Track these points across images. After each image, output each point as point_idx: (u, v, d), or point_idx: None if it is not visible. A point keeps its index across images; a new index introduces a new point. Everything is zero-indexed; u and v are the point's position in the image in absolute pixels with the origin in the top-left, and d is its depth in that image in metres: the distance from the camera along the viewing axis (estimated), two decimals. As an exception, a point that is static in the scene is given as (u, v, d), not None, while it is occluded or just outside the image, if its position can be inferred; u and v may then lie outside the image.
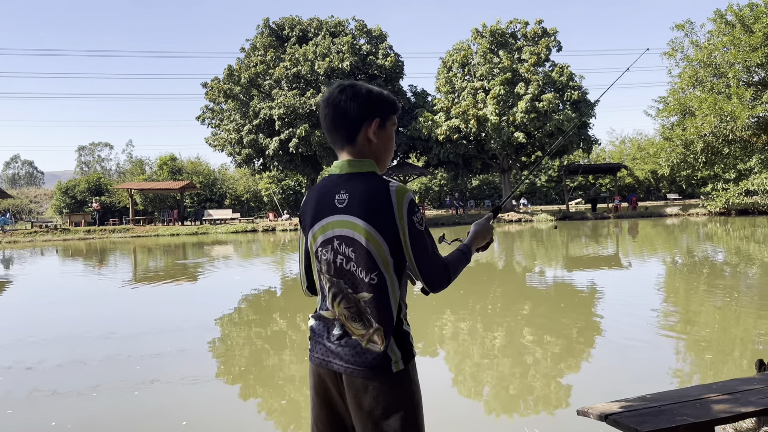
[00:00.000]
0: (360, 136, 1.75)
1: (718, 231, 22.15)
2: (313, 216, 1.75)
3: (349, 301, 1.68)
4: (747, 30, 29.53)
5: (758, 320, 6.86)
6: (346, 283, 1.68)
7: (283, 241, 26.62)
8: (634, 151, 57.68)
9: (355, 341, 1.67)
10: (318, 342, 1.76)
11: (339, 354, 1.69)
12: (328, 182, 1.76)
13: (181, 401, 4.82)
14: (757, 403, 2.06)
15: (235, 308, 9.18)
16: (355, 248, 1.66)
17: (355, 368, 1.66)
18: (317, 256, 1.74)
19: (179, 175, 53.48)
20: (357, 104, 1.74)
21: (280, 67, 33.65)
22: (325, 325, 1.75)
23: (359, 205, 1.66)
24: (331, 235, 1.70)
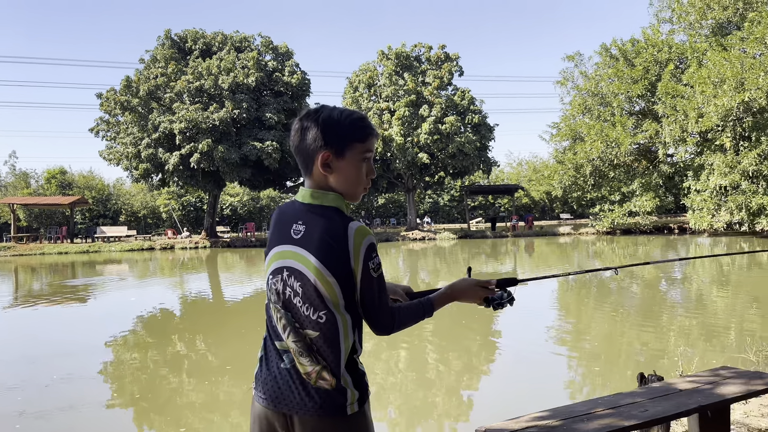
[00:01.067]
0: (314, 169, 1.64)
1: (606, 249, 23.69)
2: (270, 242, 1.68)
3: (297, 336, 1.58)
4: (629, 63, 32.07)
5: (641, 334, 7.37)
6: (293, 317, 1.59)
7: (182, 260, 25.62)
8: (530, 173, 60.74)
9: (305, 379, 1.56)
10: (264, 380, 1.63)
11: (289, 394, 1.58)
12: (290, 208, 1.67)
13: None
14: (639, 417, 2.20)
15: (129, 330, 8.69)
16: (303, 283, 1.57)
17: (308, 409, 1.55)
18: (267, 284, 1.65)
19: (69, 190, 50.29)
20: (309, 134, 1.64)
21: (182, 80, 32.57)
22: (273, 359, 1.63)
23: (313, 241, 1.57)
24: (282, 265, 1.62)
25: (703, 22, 30.73)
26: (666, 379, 2.97)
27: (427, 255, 23.92)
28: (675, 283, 13.00)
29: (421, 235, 34.84)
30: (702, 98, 25.99)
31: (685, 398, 2.38)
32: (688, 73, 27.62)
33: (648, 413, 2.24)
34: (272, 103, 33.91)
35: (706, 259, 17.97)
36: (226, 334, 8.31)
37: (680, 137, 27.93)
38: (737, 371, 2.77)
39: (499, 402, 5.06)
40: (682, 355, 4.51)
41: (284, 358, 1.59)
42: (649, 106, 31.59)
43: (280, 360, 1.60)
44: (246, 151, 31.83)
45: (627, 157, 30.89)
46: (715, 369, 2.88)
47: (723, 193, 26.54)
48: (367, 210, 53.44)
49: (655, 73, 30.70)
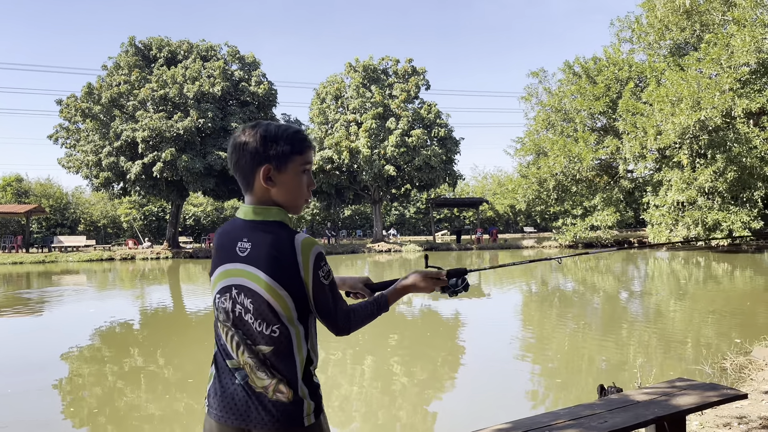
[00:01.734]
0: (256, 184, 1.65)
1: (567, 261, 24.06)
2: (214, 260, 1.66)
3: (251, 352, 1.58)
4: (591, 81, 32.86)
5: (601, 346, 7.49)
6: (245, 334, 1.59)
7: (143, 270, 25.08)
8: (494, 186, 61.49)
9: (261, 393, 1.56)
10: (219, 396, 1.61)
11: (245, 409, 1.57)
12: (232, 226, 1.67)
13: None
14: (598, 428, 2.23)
15: (86, 343, 8.44)
16: (254, 300, 1.58)
17: (265, 423, 1.55)
18: (215, 303, 1.64)
19: (26, 198, 48.88)
20: (249, 149, 1.64)
21: (145, 88, 32.04)
22: (226, 376, 1.62)
23: (262, 257, 1.57)
24: (230, 283, 1.62)
25: (661, 43, 31.74)
26: (624, 391, 3.02)
27: (393, 267, 23.94)
28: (635, 295, 13.28)
29: (387, 247, 34.87)
30: (660, 116, 26.75)
31: (643, 409, 2.42)
32: (648, 92, 28.42)
33: (607, 425, 2.27)
34: (238, 113, 33.64)
35: (664, 275, 18.43)
36: (187, 347, 8.15)
37: (640, 153, 28.67)
38: (692, 383, 2.83)
39: (462, 414, 5.07)
40: (641, 367, 4.59)
41: (236, 375, 1.59)
42: (610, 123, 32.37)
43: (232, 377, 1.60)
44: (210, 160, 31.46)
45: (589, 172, 31.53)
46: (671, 381, 2.94)
47: (680, 208, 27.30)
48: (333, 221, 53.28)
49: (616, 91, 31.51)
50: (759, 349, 6.16)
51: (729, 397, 2.56)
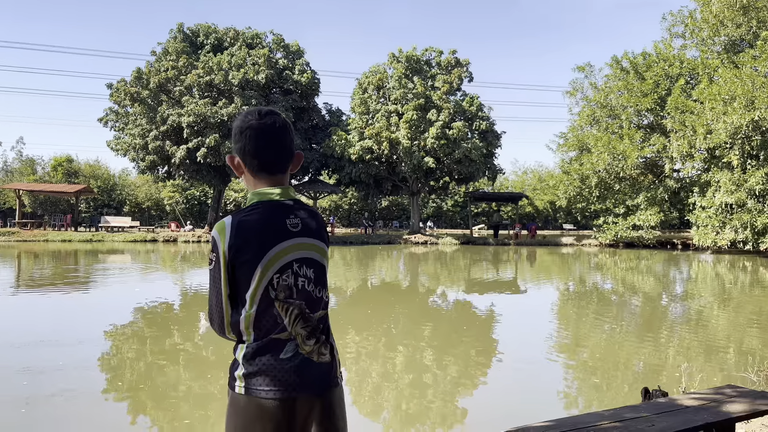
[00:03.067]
0: (289, 167, 1.81)
1: (608, 261, 23.65)
2: (260, 245, 1.66)
3: (306, 321, 1.69)
4: (639, 77, 32.05)
5: (639, 348, 7.36)
6: (306, 305, 1.71)
7: (184, 252, 25.66)
8: (534, 181, 60.65)
9: (308, 359, 1.68)
10: (265, 374, 1.65)
11: (296, 378, 1.65)
12: (268, 209, 1.70)
13: (72, 418, 4.50)
14: (645, 431, 2.21)
15: (130, 321, 8.71)
16: (315, 269, 1.73)
17: (314, 387, 1.67)
18: (272, 284, 1.67)
19: (75, 178, 50.44)
20: (292, 138, 1.81)
21: (192, 74, 32.64)
22: (274, 350, 1.66)
23: (312, 229, 1.75)
24: (289, 260, 1.69)
25: (715, 39, 30.68)
26: (670, 395, 2.98)
27: (428, 259, 23.91)
28: (676, 298, 12.98)
29: (423, 239, 34.83)
30: (711, 115, 25.94)
31: (692, 415, 2.38)
32: (699, 89, 27.57)
33: (655, 428, 2.25)
34: (281, 101, 33.97)
35: (708, 278, 17.94)
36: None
37: (688, 153, 27.90)
38: (742, 390, 2.77)
39: (495, 410, 5.06)
40: (685, 372, 4.50)
41: (287, 347, 1.67)
42: (657, 121, 31.55)
43: (278, 352, 1.66)
44: (253, 147, 31.88)
45: (633, 170, 30.86)
46: (719, 387, 2.88)
47: (728, 210, 26.48)
48: (370, 212, 53.44)
49: (665, 88, 30.66)
50: (809, 360, 5.97)
51: (781, 407, 2.50)
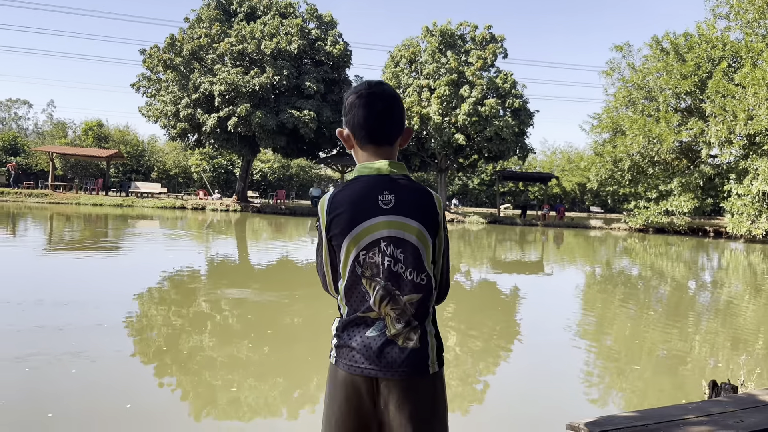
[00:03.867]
0: (397, 141, 1.75)
1: (637, 246, 23.31)
2: (350, 219, 1.65)
3: (396, 303, 1.63)
4: (680, 58, 31.14)
5: (664, 334, 7.23)
6: (393, 285, 1.64)
7: (212, 220, 25.91)
8: (563, 162, 59.85)
9: (393, 341, 1.63)
10: (350, 348, 1.67)
11: (376, 360, 1.63)
12: (363, 183, 1.68)
13: (112, 376, 4.56)
14: (736, 427, 2.13)
15: (159, 286, 8.80)
16: (404, 249, 1.64)
17: (395, 371, 1.62)
18: (358, 260, 1.65)
19: (105, 143, 51.09)
20: (402, 110, 1.76)
21: (224, 43, 32.58)
22: (360, 326, 1.67)
23: (409, 206, 1.64)
24: (377, 237, 1.64)
25: (761, 22, 29.59)
26: (743, 390, 2.89)
27: (453, 237, 23.81)
28: (716, 287, 12.74)
29: (450, 216, 34.68)
30: (754, 100, 25.18)
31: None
32: (742, 73, 26.73)
33: (744, 424, 2.16)
34: (312, 72, 33.79)
35: (745, 267, 17.57)
36: (252, 298, 8.37)
37: (726, 138, 27.18)
38: (826, 389, 2.67)
39: (539, 402, 5.00)
40: (744, 365, 4.39)
41: (374, 325, 1.65)
42: (696, 104, 30.73)
43: (366, 328, 1.65)
44: (283, 118, 31.85)
45: (668, 154, 30.19)
46: (799, 384, 2.78)
47: (765, 199, 25.84)
48: (396, 187, 53.34)
49: (706, 70, 29.78)
50: None
51: None
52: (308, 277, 10.72)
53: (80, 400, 4.17)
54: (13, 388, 4.28)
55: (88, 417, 3.87)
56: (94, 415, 3.90)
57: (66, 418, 3.84)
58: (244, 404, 4.29)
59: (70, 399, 4.18)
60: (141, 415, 3.99)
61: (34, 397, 4.15)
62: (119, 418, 3.89)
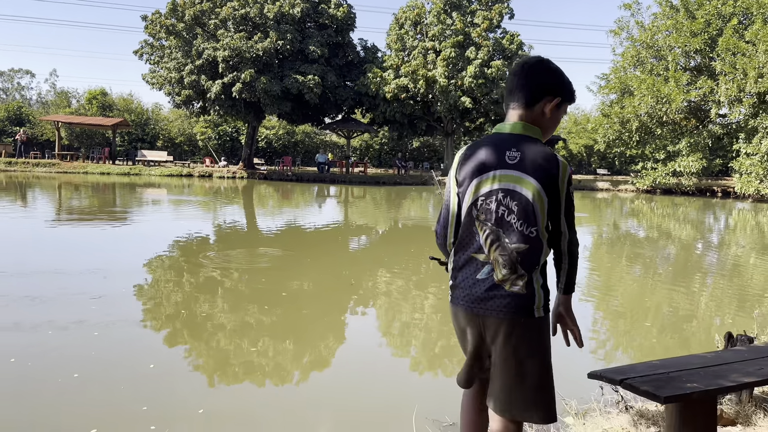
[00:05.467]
0: (538, 105, 1.91)
1: (644, 208, 23.30)
2: (477, 168, 1.87)
3: (504, 249, 1.82)
4: (690, 15, 30.56)
5: (672, 292, 7.31)
6: (504, 233, 1.83)
7: (220, 188, 25.99)
8: (570, 124, 59.32)
9: (500, 285, 1.83)
10: (461, 287, 1.90)
11: (484, 296, 1.84)
12: (494, 139, 1.90)
13: (109, 342, 4.70)
14: (757, 374, 2.20)
15: (171, 253, 8.92)
16: (519, 202, 1.82)
17: (500, 311, 1.82)
18: (476, 204, 1.87)
19: (110, 112, 50.88)
20: (550, 78, 1.93)
21: (227, 7, 32.10)
22: (472, 268, 1.87)
23: (531, 165, 1.82)
24: (496, 187, 1.85)
25: (774, -24, 28.91)
26: (758, 342, 2.96)
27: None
28: (721, 247, 12.79)
29: (456, 180, 34.60)
30: (765, 57, 24.82)
31: (800, 360, 2.36)
32: (753, 30, 26.27)
33: (763, 371, 2.24)
34: (316, 36, 33.35)
35: (751, 225, 17.57)
36: (264, 263, 8.48)
37: (736, 97, 26.87)
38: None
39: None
40: (757, 318, 4.47)
41: (483, 268, 1.86)
42: (706, 63, 30.29)
43: (477, 270, 1.87)
44: (287, 83, 31.58)
45: (677, 114, 29.87)
46: (814, 334, 2.85)
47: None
48: (402, 152, 53.08)
49: (716, 28, 29.24)
50: None
51: None
52: (318, 238, 10.80)
53: (103, 363, 4.30)
54: (37, 349, 4.41)
55: (114, 378, 4.00)
56: (119, 376, 4.03)
57: (91, 380, 3.97)
58: (261, 366, 4.42)
59: (93, 362, 4.31)
60: (165, 375, 4.12)
61: (59, 361, 4.27)
62: (143, 377, 4.02)
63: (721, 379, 2.11)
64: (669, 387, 2.03)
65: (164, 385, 3.97)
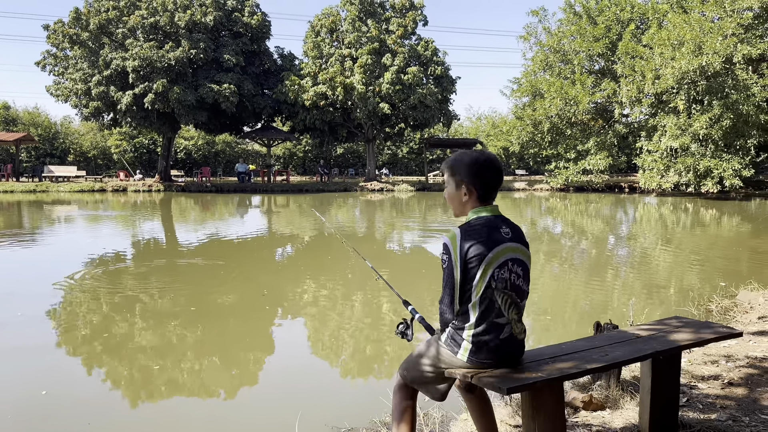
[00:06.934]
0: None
1: (558, 205, 24.30)
2: (487, 245, 2.16)
3: (518, 308, 2.22)
4: (592, 21, 32.20)
5: (586, 287, 7.69)
6: (517, 295, 2.21)
7: (135, 201, 25.06)
8: (488, 127, 61.03)
9: (516, 338, 2.23)
10: (488, 350, 2.19)
11: (510, 353, 2.23)
12: (488, 222, 2.23)
13: (36, 370, 4.46)
14: (600, 360, 2.35)
15: (80, 273, 8.53)
16: (522, 267, 2.23)
17: (518, 359, 2.28)
18: (494, 276, 2.16)
19: (14, 126, 48.05)
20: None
21: (135, 15, 31.05)
22: (493, 332, 2.18)
23: (519, 236, 2.27)
24: (506, 259, 2.19)
25: (664, -18, 30.93)
26: (620, 328, 3.15)
27: (384, 206, 24.06)
28: (621, 239, 13.51)
29: (379, 186, 34.92)
30: (660, 60, 26.44)
31: (642, 344, 2.53)
32: (648, 34, 27.98)
33: (608, 357, 2.38)
34: (231, 45, 32.84)
35: (652, 219, 18.66)
36: (182, 277, 8.27)
37: (636, 98, 28.48)
38: (687, 321, 2.95)
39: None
40: (632, 307, 4.75)
41: (504, 329, 2.20)
42: (608, 66, 31.98)
43: (500, 332, 2.19)
44: (202, 93, 30.91)
45: (584, 115, 31.35)
46: (666, 319, 3.06)
47: (673, 154, 27.36)
48: (325, 159, 52.99)
49: (616, 33, 30.97)
50: (744, 293, 6.36)
51: (723, 335, 2.68)
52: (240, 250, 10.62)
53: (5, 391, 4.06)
54: None
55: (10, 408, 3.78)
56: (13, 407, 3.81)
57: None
58: (181, 385, 4.29)
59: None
60: (62, 400, 3.93)
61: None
62: (40, 410, 3.83)
63: (565, 368, 2.24)
64: (514, 380, 2.13)
65: (52, 410, 3.79)
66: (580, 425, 3.01)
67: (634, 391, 3.34)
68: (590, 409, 3.26)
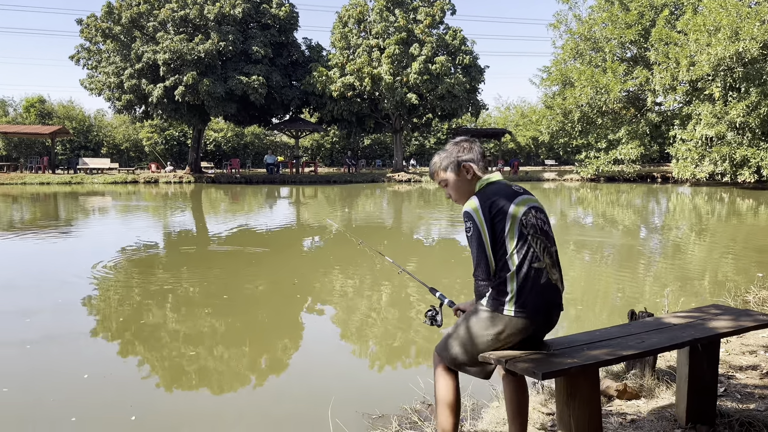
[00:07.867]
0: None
1: (588, 195, 23.96)
2: (507, 198, 2.24)
3: (550, 253, 2.25)
4: (624, 7, 31.48)
5: (619, 277, 7.57)
6: (547, 240, 2.25)
7: (166, 193, 25.47)
8: (517, 117, 60.34)
9: (555, 285, 2.25)
10: (532, 297, 2.19)
11: (551, 299, 2.24)
12: (499, 183, 2.35)
13: (78, 356, 4.58)
14: (636, 347, 2.31)
15: (116, 262, 8.71)
16: (544, 215, 2.32)
17: (560, 306, 2.30)
18: (522, 223, 2.22)
19: (49, 119, 49.13)
20: None
21: (165, 9, 31.42)
22: (532, 279, 2.19)
23: (529, 192, 2.35)
24: (528, 207, 2.26)
25: (701, -33, 30.08)
26: (656, 316, 3.10)
27: (412, 197, 24.02)
28: (655, 229, 13.27)
29: (406, 177, 34.85)
30: (695, 46, 25.77)
31: (679, 331, 2.49)
32: (683, 20, 27.25)
33: (644, 344, 2.35)
34: (259, 36, 33.01)
35: (687, 209, 18.28)
36: (213, 268, 8.38)
37: (670, 85, 27.82)
38: (726, 308, 2.89)
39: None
40: (668, 295, 4.67)
41: (543, 274, 2.21)
42: (641, 53, 31.28)
43: (540, 276, 2.20)
44: (231, 85, 31.17)
45: (616, 104, 30.76)
46: (704, 307, 3.00)
47: (708, 143, 26.71)
48: (353, 150, 53.06)
49: (649, 19, 30.23)
50: (783, 284, 6.20)
51: (764, 323, 2.62)
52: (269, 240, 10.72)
53: (50, 378, 4.18)
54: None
55: (42, 389, 3.90)
56: (47, 388, 3.93)
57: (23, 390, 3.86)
58: (215, 371, 4.37)
59: (37, 378, 4.19)
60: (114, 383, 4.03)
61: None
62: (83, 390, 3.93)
63: (599, 354, 2.21)
64: (549, 365, 2.11)
65: (97, 394, 3.89)
66: (614, 414, 2.98)
67: (670, 381, 3.29)
68: (624, 398, 3.23)
